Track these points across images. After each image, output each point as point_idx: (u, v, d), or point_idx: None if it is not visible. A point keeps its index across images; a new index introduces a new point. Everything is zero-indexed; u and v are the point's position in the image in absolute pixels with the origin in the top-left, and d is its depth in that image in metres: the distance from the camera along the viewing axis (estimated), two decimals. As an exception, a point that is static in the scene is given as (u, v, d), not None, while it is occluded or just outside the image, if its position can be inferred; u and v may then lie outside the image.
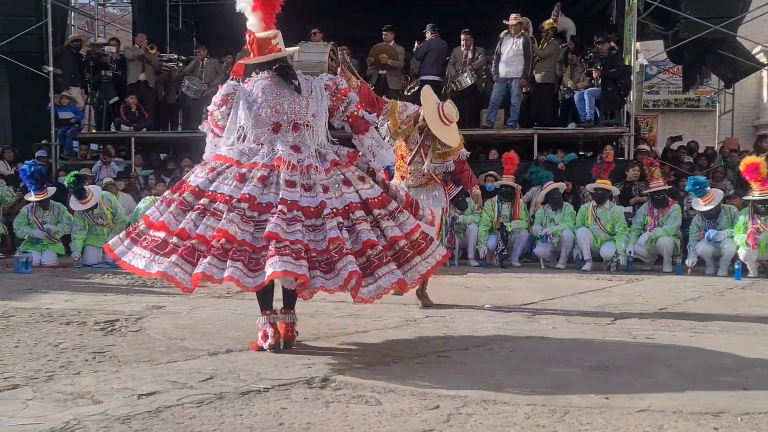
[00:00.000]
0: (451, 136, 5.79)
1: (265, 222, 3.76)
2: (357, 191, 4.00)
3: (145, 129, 13.10)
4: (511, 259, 9.69)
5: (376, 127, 4.50)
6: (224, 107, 4.18)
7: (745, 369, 3.67)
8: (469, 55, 12.17)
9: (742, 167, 8.43)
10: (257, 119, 4.08)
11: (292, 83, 4.10)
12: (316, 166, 3.98)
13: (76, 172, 9.62)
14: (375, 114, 5.33)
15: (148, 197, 9.87)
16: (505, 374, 3.51)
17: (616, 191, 9.60)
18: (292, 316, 4.11)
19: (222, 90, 4.22)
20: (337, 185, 3.98)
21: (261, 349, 3.99)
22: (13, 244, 10.25)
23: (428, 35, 12.25)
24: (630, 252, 8.94)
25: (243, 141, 4.12)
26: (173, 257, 3.69)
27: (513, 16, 11.51)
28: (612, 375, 3.52)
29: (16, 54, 13.11)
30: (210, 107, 4.28)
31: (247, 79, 4.28)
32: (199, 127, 4.46)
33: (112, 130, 13.44)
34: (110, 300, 6.15)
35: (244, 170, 3.93)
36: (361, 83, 5.50)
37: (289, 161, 3.93)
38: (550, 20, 12.13)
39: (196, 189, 3.93)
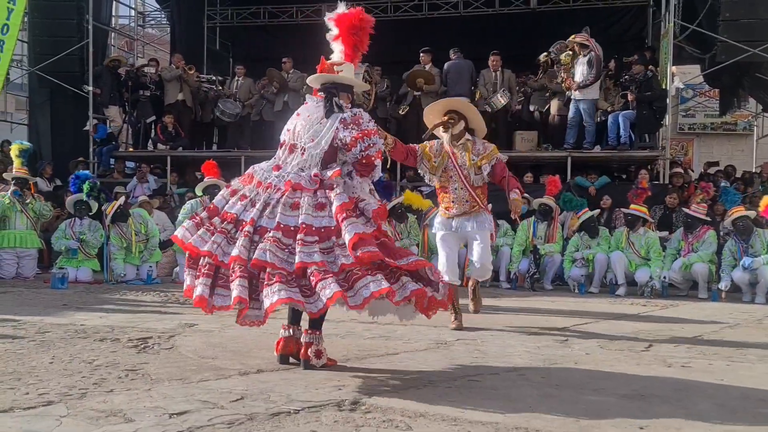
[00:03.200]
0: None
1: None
2: (299, 215, 3.86)
3: (181, 148, 13.29)
4: (543, 283, 9.60)
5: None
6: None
7: (785, 401, 3.58)
8: (498, 77, 12.20)
9: None
10: (283, 138, 4.27)
11: (328, 107, 4.09)
12: (276, 186, 4.01)
13: (91, 182, 9.85)
14: (413, 161, 5.83)
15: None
16: (537, 401, 3.47)
17: (648, 219, 9.39)
18: (309, 336, 4.11)
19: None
20: (280, 205, 3.90)
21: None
22: (51, 259, 10.43)
23: (452, 56, 12.31)
24: (665, 277, 8.81)
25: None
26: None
27: (580, 36, 11.48)
28: (647, 404, 3.45)
29: (57, 74, 13.40)
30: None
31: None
32: None
33: (149, 148, 13.66)
34: (143, 317, 6.20)
35: (237, 186, 4.18)
36: (394, 141, 5.52)
37: (256, 178, 4.10)
38: (545, 54, 12.27)
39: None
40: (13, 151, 10.01)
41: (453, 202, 5.90)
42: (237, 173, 12.63)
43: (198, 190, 10.09)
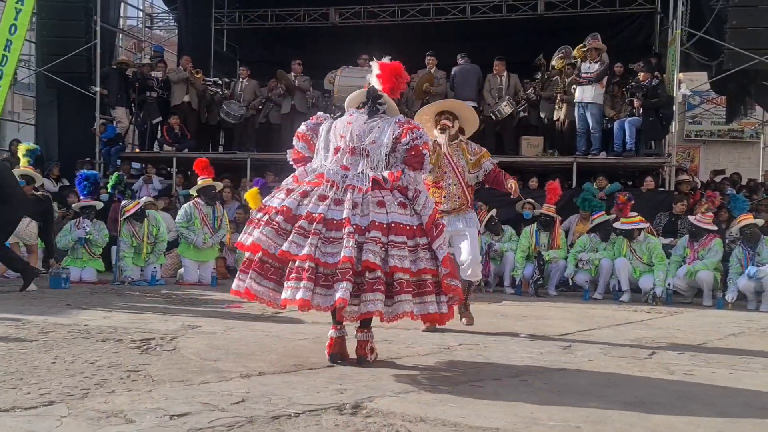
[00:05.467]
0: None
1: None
2: (387, 213, 4.08)
3: (186, 149, 13.32)
4: (548, 288, 9.59)
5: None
6: (314, 124, 4.58)
7: (788, 410, 3.56)
8: (503, 82, 12.21)
9: None
10: (326, 144, 4.41)
11: (371, 108, 4.40)
12: (357, 186, 4.15)
13: (119, 175, 9.88)
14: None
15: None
16: (538, 407, 3.46)
17: (642, 226, 9.30)
18: (364, 334, 4.33)
19: (318, 114, 4.70)
20: (368, 204, 4.08)
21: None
22: (55, 260, 10.44)
23: (459, 61, 12.32)
24: (669, 284, 8.78)
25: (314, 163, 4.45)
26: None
27: (595, 41, 11.50)
28: (650, 412, 3.43)
29: (65, 74, 13.46)
30: (300, 127, 4.67)
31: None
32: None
33: (155, 149, 13.70)
34: (147, 318, 6.21)
35: (294, 186, 4.24)
36: None
37: (329, 178, 4.16)
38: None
39: (261, 205, 4.31)
40: (20, 150, 10.05)
41: (445, 197, 6.05)
42: (243, 175, 12.79)
43: (192, 191, 10.11)
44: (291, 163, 4.64)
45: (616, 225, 9.31)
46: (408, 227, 4.10)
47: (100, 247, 9.63)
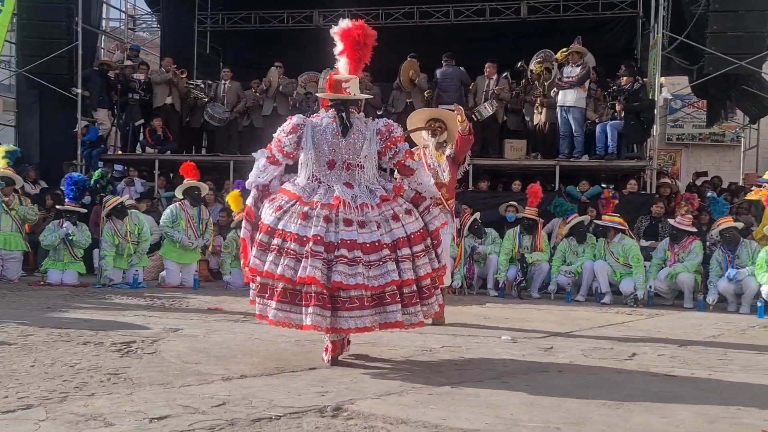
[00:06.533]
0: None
1: (330, 261, 4.13)
2: (404, 226, 4.30)
3: (169, 152, 13.26)
4: (531, 291, 9.63)
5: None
6: (293, 135, 4.40)
7: (764, 410, 3.59)
8: (492, 85, 12.24)
9: (765, 198, 8.42)
10: (318, 155, 4.37)
11: (343, 124, 4.36)
12: (370, 204, 4.30)
13: (103, 170, 9.84)
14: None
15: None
16: (519, 408, 3.47)
17: (620, 227, 9.36)
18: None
19: (293, 120, 4.48)
20: (386, 221, 4.30)
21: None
22: (36, 262, 10.37)
23: (444, 63, 12.35)
24: (651, 287, 8.84)
25: (303, 175, 4.44)
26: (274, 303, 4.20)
27: (574, 45, 11.58)
28: (629, 413, 3.46)
29: (46, 75, 13.34)
30: (277, 134, 4.47)
31: (315, 114, 4.59)
32: (254, 154, 4.60)
33: (137, 151, 13.62)
34: (128, 321, 6.17)
35: (306, 209, 4.24)
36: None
37: (344, 200, 4.25)
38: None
39: (268, 228, 4.28)
40: (0, 152, 9.96)
41: None
42: (226, 178, 12.74)
43: (178, 193, 10.07)
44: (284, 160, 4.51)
45: (597, 221, 9.40)
46: (420, 233, 4.36)
47: (82, 248, 9.54)
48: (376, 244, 4.17)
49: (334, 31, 4.53)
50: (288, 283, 4.13)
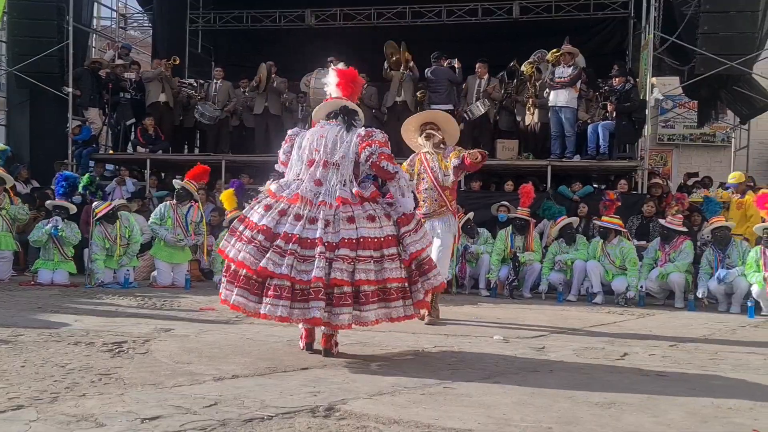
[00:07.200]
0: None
1: (267, 249, 4.40)
2: (357, 229, 4.43)
3: (161, 151, 13.22)
4: (522, 291, 9.64)
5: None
6: (287, 145, 4.87)
7: (755, 409, 3.61)
8: (483, 84, 12.25)
9: (754, 198, 8.47)
10: (300, 156, 4.72)
11: (350, 124, 4.73)
12: (329, 203, 4.48)
13: (91, 175, 9.84)
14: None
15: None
16: (511, 408, 3.48)
17: (621, 230, 9.40)
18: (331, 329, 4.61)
19: (289, 132, 4.97)
20: (339, 221, 4.43)
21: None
22: (26, 261, 10.32)
23: (433, 63, 12.38)
24: (642, 287, 8.87)
25: (290, 175, 4.77)
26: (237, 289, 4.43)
27: (566, 46, 11.61)
28: (620, 412, 3.47)
29: (37, 74, 13.28)
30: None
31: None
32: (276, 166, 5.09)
33: (129, 151, 13.58)
34: (119, 321, 6.15)
35: (272, 201, 4.56)
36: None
37: (304, 196, 4.49)
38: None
39: (241, 217, 4.66)
40: (-10, 151, 9.93)
41: (424, 201, 6.48)
42: (217, 177, 12.71)
43: (176, 184, 9.98)
44: (280, 168, 4.98)
45: (596, 221, 9.40)
46: (375, 239, 4.45)
47: (72, 244, 9.45)
48: (316, 240, 4.35)
49: (336, 67, 5.04)
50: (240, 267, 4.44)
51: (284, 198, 4.53)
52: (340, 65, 5.10)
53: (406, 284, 4.57)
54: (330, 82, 4.96)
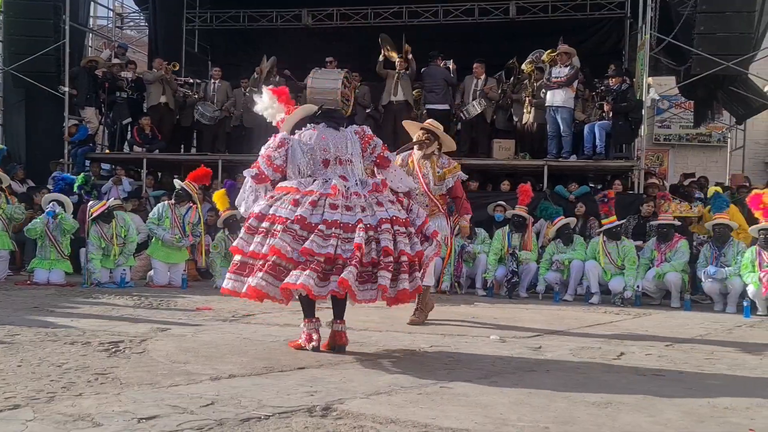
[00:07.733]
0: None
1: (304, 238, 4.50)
2: (386, 210, 4.72)
3: (157, 150, 13.20)
4: (519, 291, 9.64)
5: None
6: (281, 149, 4.86)
7: (751, 409, 3.62)
8: (479, 84, 12.26)
9: (747, 198, 8.48)
10: (311, 159, 4.83)
11: (336, 123, 4.99)
12: (359, 193, 4.73)
13: (86, 175, 9.84)
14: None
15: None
16: (508, 408, 3.48)
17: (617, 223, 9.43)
18: (342, 325, 4.83)
19: (278, 137, 4.97)
20: (371, 206, 4.70)
21: (302, 348, 4.81)
22: (23, 261, 10.30)
23: (429, 63, 12.38)
24: (638, 287, 8.89)
25: (301, 177, 4.83)
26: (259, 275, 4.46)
27: (562, 46, 11.63)
28: (617, 412, 3.48)
29: (33, 74, 13.26)
30: (264, 151, 4.91)
31: (297, 132, 5.01)
32: (244, 172, 4.99)
33: (125, 150, 13.56)
34: (115, 320, 6.15)
35: (298, 196, 4.64)
36: None
37: (339, 188, 4.68)
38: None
39: (259, 214, 4.65)
40: (-14, 151, 9.91)
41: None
42: (215, 177, 12.70)
43: (177, 184, 9.97)
44: (271, 174, 4.86)
45: (606, 225, 9.35)
46: (404, 219, 4.78)
47: (69, 231, 9.35)
48: (355, 224, 4.55)
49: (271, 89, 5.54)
50: (258, 258, 4.52)
51: (316, 192, 4.64)
52: (271, 86, 5.55)
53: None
54: (272, 105, 5.36)
